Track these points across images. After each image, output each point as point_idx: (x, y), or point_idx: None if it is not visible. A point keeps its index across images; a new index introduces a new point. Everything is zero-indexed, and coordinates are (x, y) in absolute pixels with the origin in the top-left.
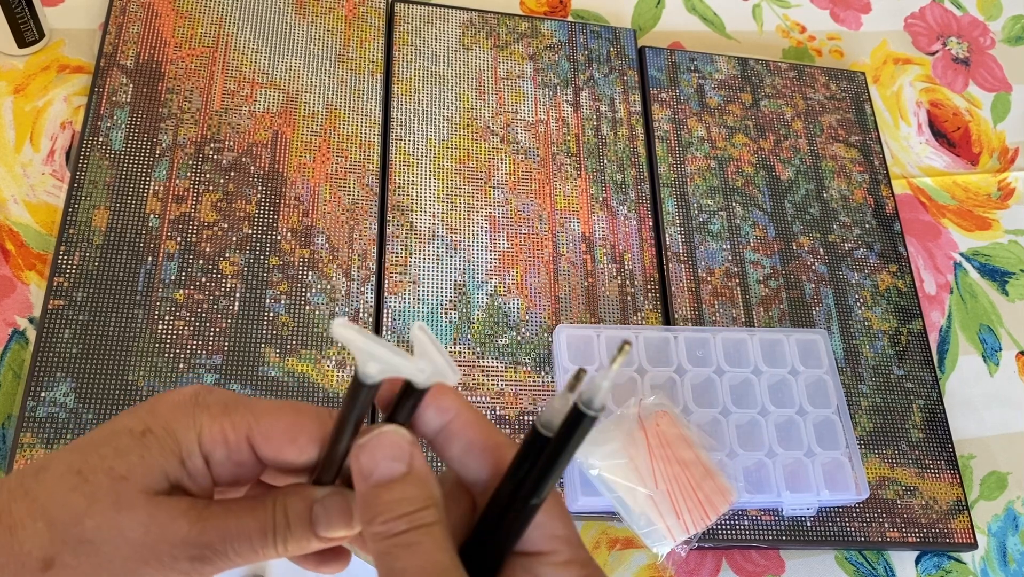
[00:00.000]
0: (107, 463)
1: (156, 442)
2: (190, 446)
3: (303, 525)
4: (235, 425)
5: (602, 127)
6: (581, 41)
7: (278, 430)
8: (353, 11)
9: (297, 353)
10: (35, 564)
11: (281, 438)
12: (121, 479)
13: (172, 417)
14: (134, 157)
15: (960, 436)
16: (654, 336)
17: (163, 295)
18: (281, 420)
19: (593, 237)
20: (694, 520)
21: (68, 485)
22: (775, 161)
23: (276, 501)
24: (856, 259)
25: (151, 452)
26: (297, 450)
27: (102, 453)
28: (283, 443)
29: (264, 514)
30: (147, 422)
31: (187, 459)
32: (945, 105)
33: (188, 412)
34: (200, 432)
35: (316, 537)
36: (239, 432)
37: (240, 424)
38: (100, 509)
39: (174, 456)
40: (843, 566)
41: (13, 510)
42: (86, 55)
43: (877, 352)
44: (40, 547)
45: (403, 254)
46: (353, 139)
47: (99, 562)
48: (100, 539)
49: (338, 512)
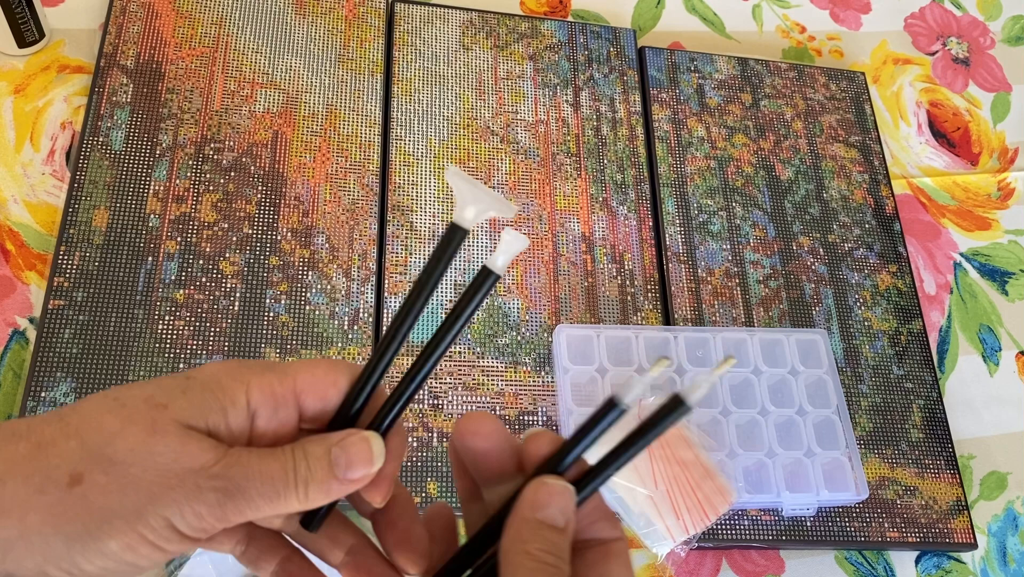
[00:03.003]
0: (147, 392)
1: (199, 386)
2: (236, 397)
3: (323, 467)
4: (281, 380)
5: (602, 127)
6: (581, 41)
7: (318, 377)
8: (353, 11)
9: (297, 353)
10: (63, 478)
11: (323, 382)
12: (160, 406)
13: (219, 371)
14: (134, 157)
15: (960, 436)
16: (654, 336)
17: (163, 295)
18: (319, 369)
19: (593, 237)
20: (694, 520)
21: (104, 408)
22: (775, 161)
23: (296, 446)
24: (856, 259)
25: (193, 393)
26: (338, 392)
27: (143, 386)
28: (326, 386)
29: (285, 457)
30: (191, 373)
31: (230, 409)
32: (945, 105)
33: (237, 369)
34: (248, 386)
35: (336, 479)
36: (285, 385)
37: (285, 379)
38: (134, 431)
39: (217, 403)
40: (843, 566)
41: (45, 431)
42: (86, 55)
43: (877, 352)
44: (69, 462)
45: (403, 254)
46: (353, 139)
47: (127, 482)
48: (130, 460)
49: (356, 452)
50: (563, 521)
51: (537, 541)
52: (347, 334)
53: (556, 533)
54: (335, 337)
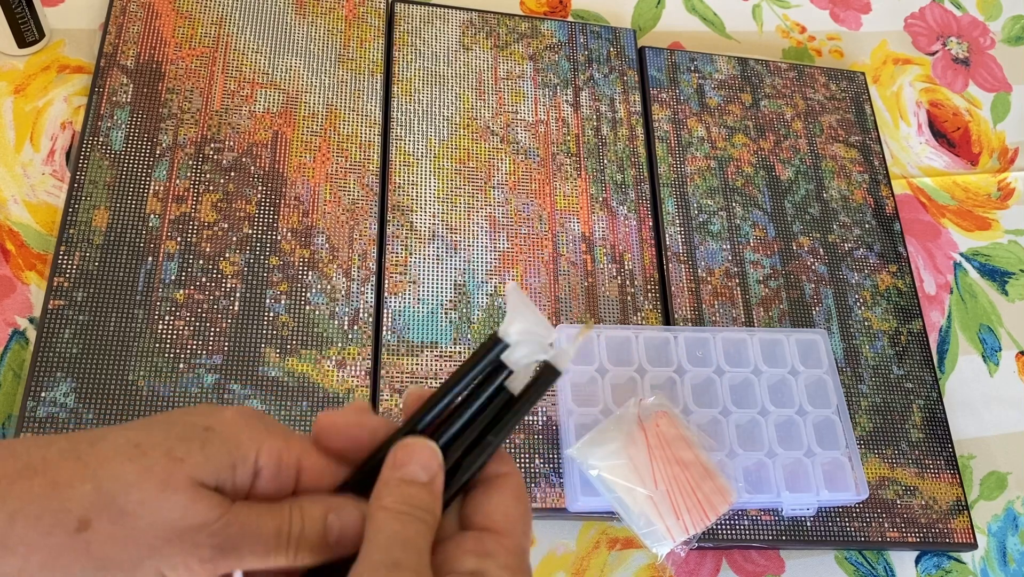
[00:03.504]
0: (168, 443)
1: (218, 440)
2: (247, 454)
3: (317, 530)
4: (291, 448)
5: (602, 127)
6: (581, 41)
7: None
8: (353, 11)
9: (297, 353)
10: (72, 523)
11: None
12: (178, 461)
13: (238, 425)
14: (134, 157)
15: (960, 436)
16: (654, 336)
17: (163, 295)
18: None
19: (593, 237)
20: (693, 520)
21: (125, 455)
22: (775, 161)
23: (294, 504)
24: (856, 259)
25: (211, 447)
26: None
27: (166, 433)
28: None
29: (281, 514)
30: (211, 422)
31: (239, 465)
32: (945, 105)
33: (254, 425)
34: (260, 446)
35: (327, 545)
36: (293, 455)
37: (295, 449)
38: (148, 485)
39: (229, 458)
40: (843, 566)
41: (62, 468)
42: (86, 55)
43: (877, 352)
44: (81, 507)
45: (403, 254)
46: (353, 139)
47: (132, 534)
48: (139, 512)
49: (352, 523)
50: (425, 477)
51: (393, 496)
52: (347, 334)
53: (417, 487)
54: (335, 337)
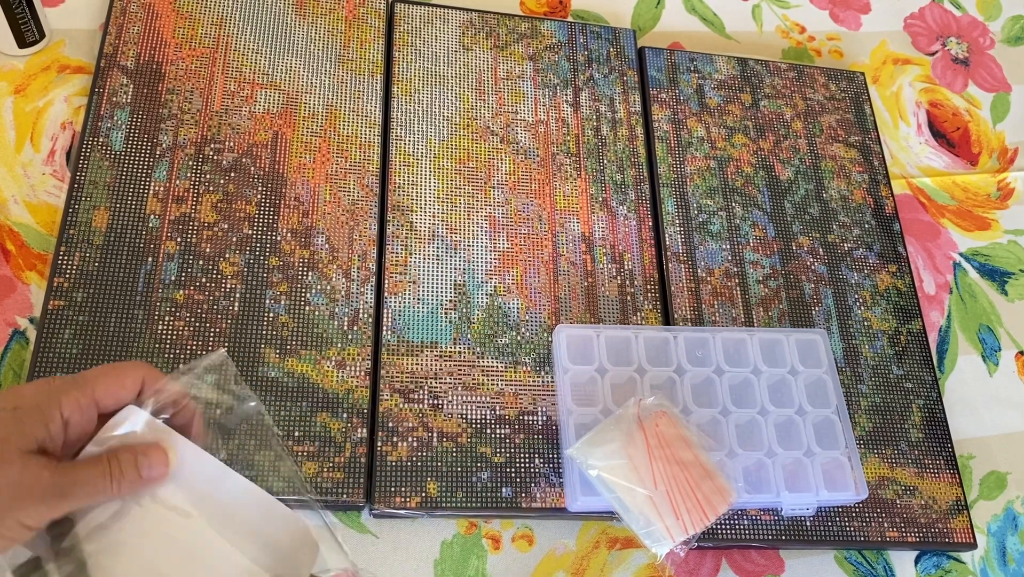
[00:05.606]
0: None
1: (26, 414)
2: (53, 414)
3: (132, 469)
4: (83, 392)
5: (602, 127)
6: (581, 41)
7: (110, 384)
8: (353, 12)
9: (297, 353)
10: None
11: (115, 387)
12: (3, 440)
13: (36, 396)
14: (134, 157)
15: (960, 436)
16: (654, 336)
17: (163, 295)
18: (109, 377)
19: (593, 237)
20: (693, 520)
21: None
22: (775, 161)
23: (111, 456)
24: (856, 259)
25: (23, 422)
26: (129, 393)
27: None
28: (117, 390)
29: (103, 465)
30: (16, 402)
31: (50, 424)
32: (944, 105)
33: (48, 390)
34: (60, 404)
35: (141, 478)
36: (87, 396)
37: (85, 390)
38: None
39: (41, 423)
40: (843, 566)
41: None
42: (86, 55)
43: (877, 352)
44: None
45: (403, 254)
46: (353, 140)
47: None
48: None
49: (156, 461)
50: None
51: None
52: (347, 334)
53: None
54: (335, 337)
